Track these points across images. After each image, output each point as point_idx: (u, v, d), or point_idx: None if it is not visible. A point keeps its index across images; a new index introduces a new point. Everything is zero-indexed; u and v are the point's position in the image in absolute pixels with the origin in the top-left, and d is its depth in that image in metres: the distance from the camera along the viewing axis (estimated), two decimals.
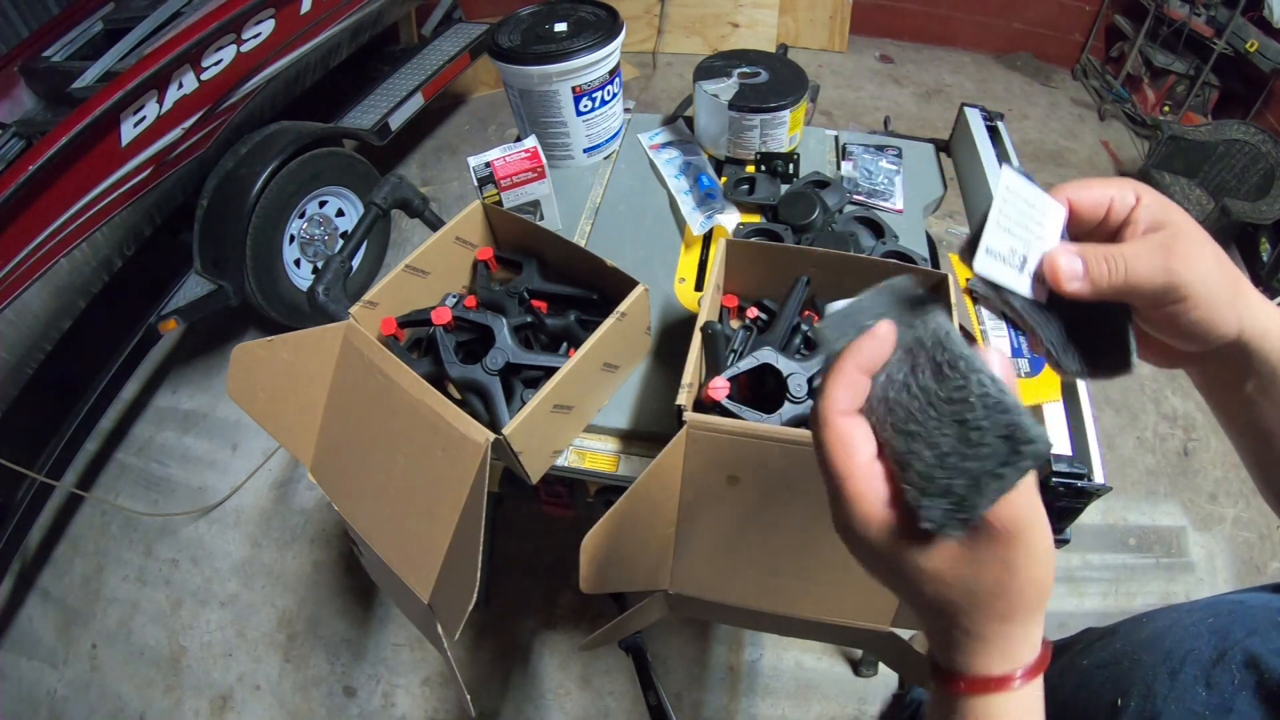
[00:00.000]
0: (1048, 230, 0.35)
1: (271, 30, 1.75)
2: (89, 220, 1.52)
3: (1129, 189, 0.35)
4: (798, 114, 1.09)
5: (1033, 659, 0.31)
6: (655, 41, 3.06)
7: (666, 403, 0.82)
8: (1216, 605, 0.42)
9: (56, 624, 1.57)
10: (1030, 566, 0.29)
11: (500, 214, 0.89)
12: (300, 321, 1.85)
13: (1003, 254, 0.34)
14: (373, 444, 0.75)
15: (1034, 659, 0.31)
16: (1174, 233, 0.34)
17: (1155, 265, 0.32)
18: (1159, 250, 0.33)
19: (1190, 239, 0.33)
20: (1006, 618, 0.30)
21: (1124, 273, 0.33)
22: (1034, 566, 0.29)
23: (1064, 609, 1.45)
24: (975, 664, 0.31)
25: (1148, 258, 0.33)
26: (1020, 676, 0.30)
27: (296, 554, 1.62)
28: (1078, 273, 0.34)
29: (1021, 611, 0.30)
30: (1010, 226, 0.34)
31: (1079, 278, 0.34)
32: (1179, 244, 0.33)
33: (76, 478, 1.79)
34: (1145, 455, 1.69)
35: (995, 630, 0.30)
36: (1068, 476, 0.69)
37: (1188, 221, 0.34)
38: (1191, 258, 0.33)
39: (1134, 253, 0.33)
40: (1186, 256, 0.32)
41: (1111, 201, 0.35)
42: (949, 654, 0.32)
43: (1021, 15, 2.99)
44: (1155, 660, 0.40)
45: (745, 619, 0.80)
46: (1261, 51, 2.13)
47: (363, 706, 1.39)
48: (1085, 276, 0.34)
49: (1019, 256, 0.34)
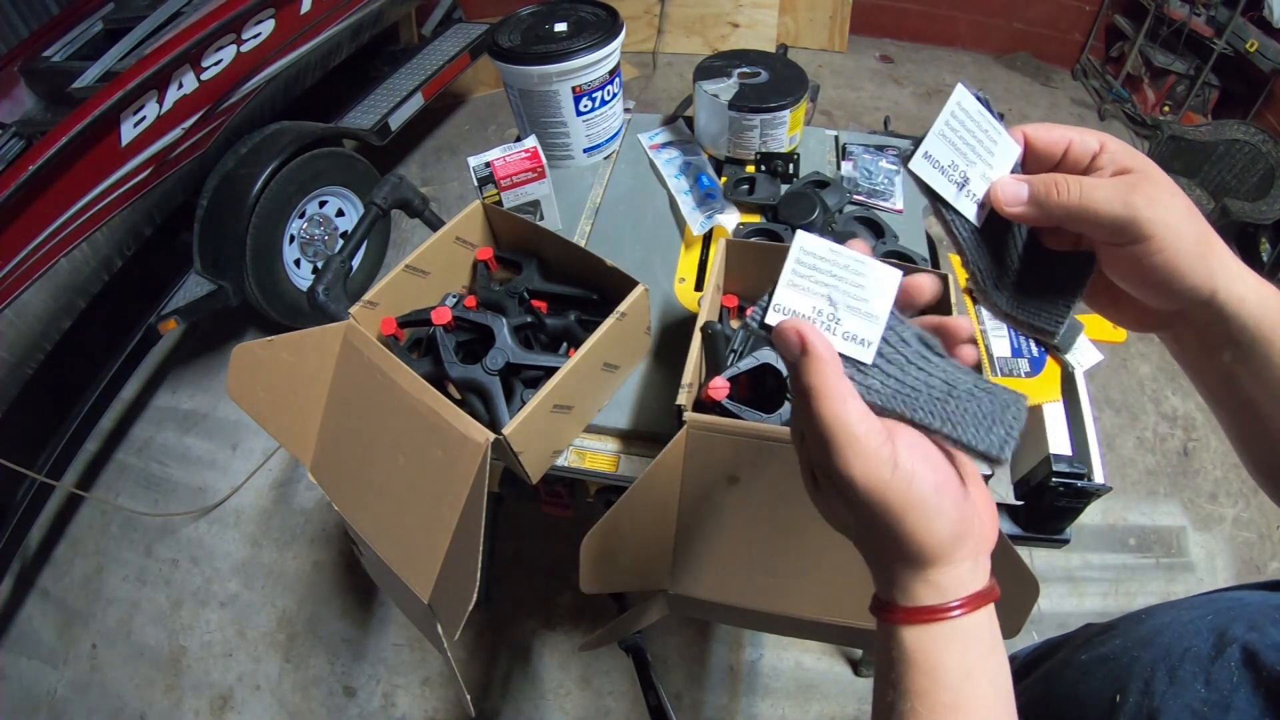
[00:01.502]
0: (997, 159, 0.35)
1: (271, 30, 1.75)
2: (89, 220, 1.52)
3: (1092, 135, 0.34)
4: (798, 114, 1.09)
5: (969, 592, 0.31)
6: (655, 41, 3.06)
7: (666, 403, 0.82)
8: (1215, 602, 0.42)
9: (56, 624, 1.57)
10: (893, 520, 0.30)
11: (500, 214, 0.89)
12: (300, 321, 1.85)
13: (942, 164, 0.34)
14: (373, 444, 0.75)
15: (971, 592, 0.31)
16: (1140, 175, 0.32)
17: (1114, 197, 0.31)
18: (1121, 185, 0.32)
19: (1157, 183, 0.32)
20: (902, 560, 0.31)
21: (1077, 195, 0.32)
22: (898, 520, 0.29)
23: (1064, 609, 1.45)
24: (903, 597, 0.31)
25: (1107, 189, 0.32)
26: (958, 607, 0.30)
27: (296, 554, 1.62)
28: (1021, 197, 0.33)
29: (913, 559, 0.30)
30: (954, 140, 0.34)
31: (1021, 202, 0.33)
32: (1144, 183, 0.32)
33: (76, 478, 1.79)
34: (1145, 455, 1.69)
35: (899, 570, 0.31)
36: (1068, 476, 0.69)
37: (1157, 170, 0.33)
38: (1156, 199, 0.31)
39: (1092, 183, 0.32)
40: (1151, 196, 0.31)
41: (1071, 143, 0.34)
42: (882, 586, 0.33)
43: (1021, 15, 2.99)
44: (1154, 657, 0.40)
45: (745, 619, 0.80)
46: (1261, 51, 2.13)
47: (363, 706, 1.39)
48: (1029, 200, 0.33)
49: (959, 172, 0.34)
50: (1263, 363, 0.34)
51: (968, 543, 0.31)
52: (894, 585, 0.32)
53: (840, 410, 0.29)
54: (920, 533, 0.30)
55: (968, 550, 0.31)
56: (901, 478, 0.29)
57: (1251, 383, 0.35)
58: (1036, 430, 0.75)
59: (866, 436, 0.29)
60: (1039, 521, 0.75)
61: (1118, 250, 0.33)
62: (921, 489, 0.30)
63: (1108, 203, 0.31)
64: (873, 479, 0.29)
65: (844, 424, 0.29)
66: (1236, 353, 0.34)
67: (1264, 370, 0.34)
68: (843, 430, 0.29)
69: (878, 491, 0.29)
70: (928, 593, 0.31)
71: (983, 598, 0.31)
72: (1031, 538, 0.76)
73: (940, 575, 0.31)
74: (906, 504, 0.29)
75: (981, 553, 0.32)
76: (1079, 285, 0.36)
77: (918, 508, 0.29)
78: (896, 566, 0.31)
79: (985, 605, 0.31)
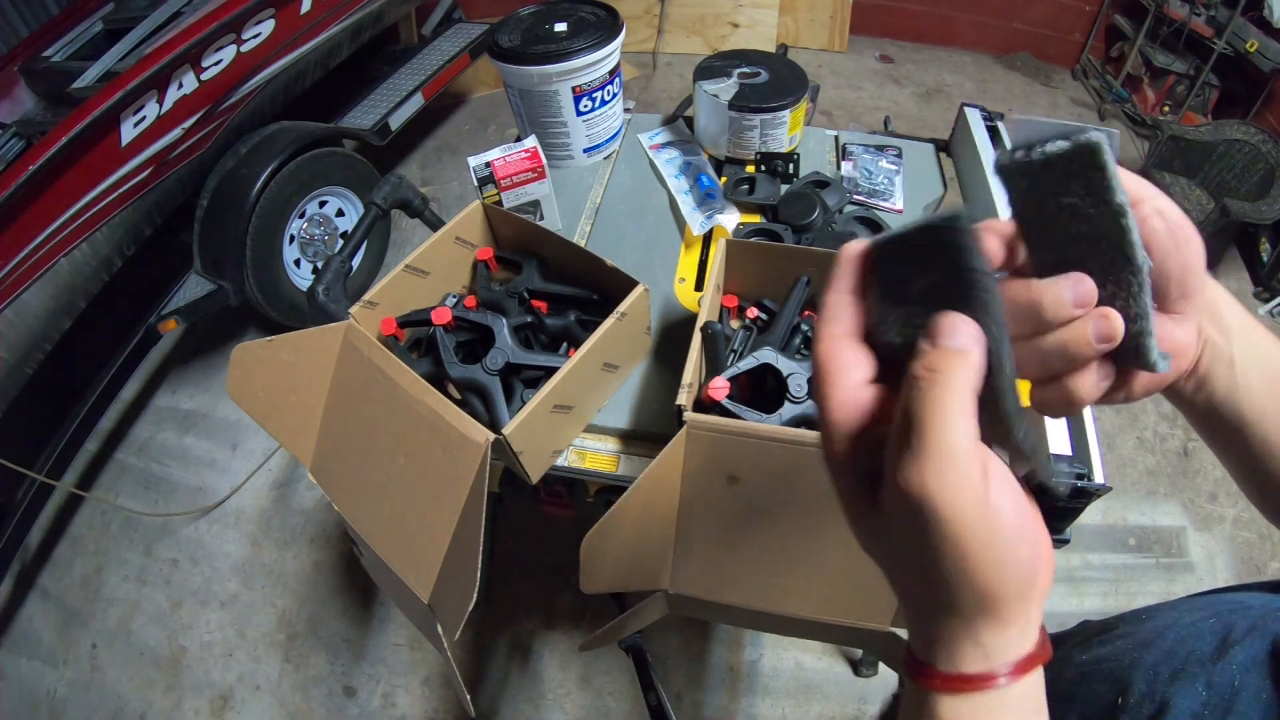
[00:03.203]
0: None
1: (271, 30, 1.75)
2: (89, 220, 1.52)
3: None
4: (798, 114, 1.09)
5: (1018, 655, 0.27)
6: (655, 41, 3.06)
7: (666, 403, 0.82)
8: (1217, 604, 0.42)
9: (56, 624, 1.57)
10: (961, 560, 0.25)
11: (500, 214, 0.89)
12: (300, 321, 1.85)
13: None
14: (373, 444, 0.75)
15: (1020, 655, 0.27)
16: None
17: None
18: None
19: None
20: (947, 612, 0.26)
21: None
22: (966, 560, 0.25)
23: (1064, 609, 1.45)
24: (931, 656, 0.27)
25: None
26: (1005, 675, 0.27)
27: (296, 554, 1.62)
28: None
29: (958, 613, 0.26)
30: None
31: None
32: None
33: (76, 478, 1.79)
34: (1145, 455, 1.69)
35: (937, 622, 0.27)
36: (1068, 477, 0.69)
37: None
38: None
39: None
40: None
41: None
42: (918, 642, 0.29)
43: (1021, 15, 2.99)
44: (1156, 659, 0.40)
45: (745, 619, 0.80)
46: (1261, 51, 2.13)
47: (363, 706, 1.39)
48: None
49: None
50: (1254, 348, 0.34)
51: (1033, 596, 0.27)
52: (935, 642, 0.28)
53: (956, 422, 0.25)
54: (990, 580, 0.25)
55: (1031, 605, 0.27)
56: (992, 514, 0.25)
57: (1257, 379, 0.34)
58: (1036, 430, 0.75)
59: (967, 459, 0.25)
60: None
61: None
62: (1007, 531, 0.25)
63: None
64: (961, 507, 0.24)
65: (951, 436, 0.24)
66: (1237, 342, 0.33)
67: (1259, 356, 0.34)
68: (945, 443, 0.24)
69: (959, 522, 0.24)
70: (973, 655, 0.27)
71: (1032, 661, 0.27)
72: None
73: (990, 635, 0.27)
74: (987, 543, 0.25)
75: (1036, 605, 0.28)
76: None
77: (996, 549, 0.25)
78: (943, 618, 0.27)
79: (1036, 668, 0.28)
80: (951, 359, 0.25)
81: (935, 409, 0.25)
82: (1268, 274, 2.05)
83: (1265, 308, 2.02)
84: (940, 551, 0.25)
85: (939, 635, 0.27)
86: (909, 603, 0.29)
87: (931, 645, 0.28)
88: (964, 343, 0.25)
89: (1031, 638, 0.27)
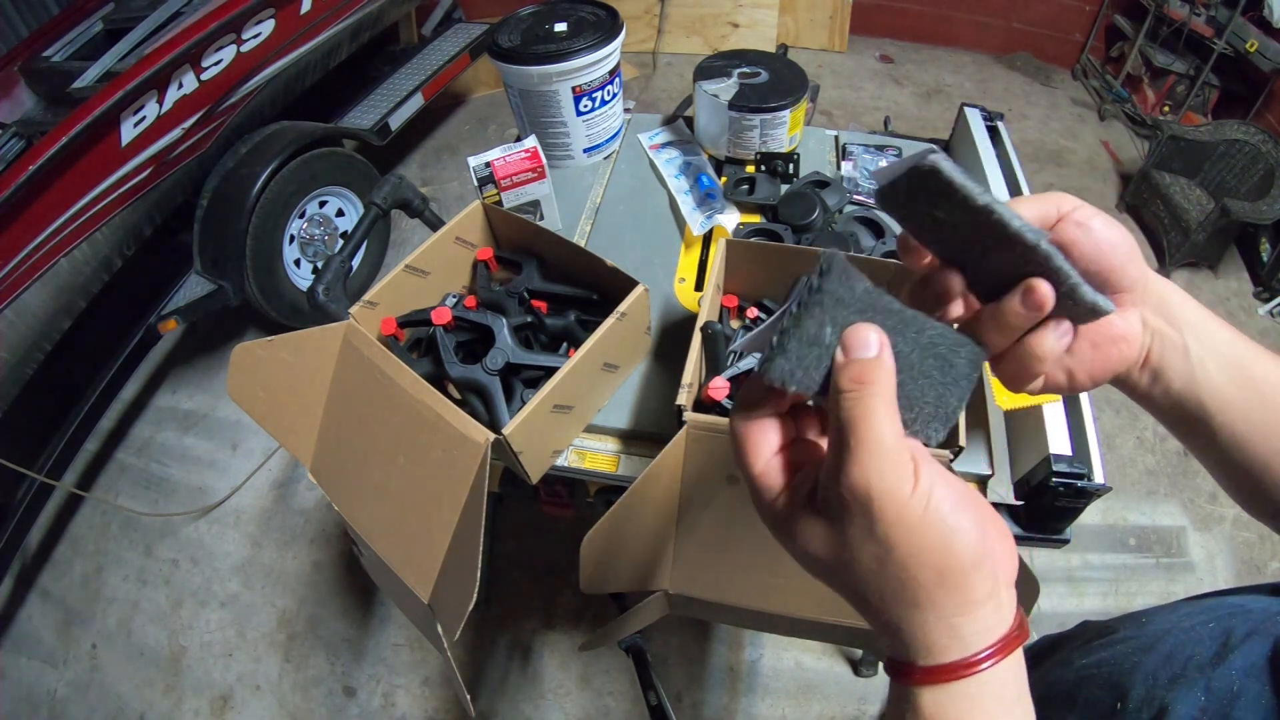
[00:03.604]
0: None
1: (271, 30, 1.75)
2: (89, 220, 1.52)
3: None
4: (798, 114, 1.09)
5: (995, 638, 0.27)
6: (655, 41, 3.06)
7: (666, 403, 0.82)
8: (1217, 608, 0.42)
9: (56, 624, 1.57)
10: (911, 537, 0.26)
11: (500, 214, 0.89)
12: (300, 321, 1.85)
13: None
14: (373, 444, 0.75)
15: (997, 637, 0.27)
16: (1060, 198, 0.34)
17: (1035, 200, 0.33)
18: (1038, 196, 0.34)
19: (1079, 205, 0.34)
20: (914, 604, 0.27)
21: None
22: (914, 538, 0.26)
23: (1064, 609, 1.45)
24: (910, 654, 0.28)
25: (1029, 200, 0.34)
26: (986, 658, 0.27)
27: (296, 554, 1.62)
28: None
29: (924, 594, 0.27)
30: None
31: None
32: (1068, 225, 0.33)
33: (76, 478, 1.79)
34: (1145, 455, 1.69)
35: (907, 618, 0.28)
36: (1068, 476, 0.69)
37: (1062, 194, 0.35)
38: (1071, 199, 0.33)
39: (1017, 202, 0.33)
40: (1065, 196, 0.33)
41: None
42: (895, 647, 0.29)
43: (1021, 15, 2.99)
44: (1155, 664, 0.40)
45: (745, 619, 0.80)
46: (1261, 51, 2.13)
47: (363, 706, 1.39)
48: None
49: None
50: (1211, 339, 0.35)
51: (986, 566, 0.28)
52: (912, 639, 0.28)
53: (885, 423, 0.27)
54: (940, 554, 0.27)
55: (987, 575, 0.28)
56: (924, 493, 0.27)
57: (1217, 370, 0.35)
58: (1036, 430, 0.75)
59: (899, 452, 0.27)
60: (1039, 521, 0.75)
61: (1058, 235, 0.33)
62: (943, 506, 0.27)
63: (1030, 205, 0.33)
64: (901, 495, 0.26)
65: (881, 435, 0.27)
66: (1193, 334, 0.35)
67: (1216, 346, 0.35)
68: (877, 443, 0.27)
69: (902, 509, 0.26)
70: (948, 644, 0.27)
71: (1010, 642, 0.28)
72: (1031, 538, 0.76)
73: (963, 619, 0.27)
74: (929, 521, 0.27)
75: (1003, 584, 0.29)
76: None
77: (940, 525, 0.27)
78: (913, 612, 0.28)
79: (1015, 650, 0.28)
80: (870, 367, 0.28)
81: (864, 414, 0.27)
82: (1268, 274, 2.05)
83: (1265, 308, 2.02)
84: (891, 540, 0.27)
85: (913, 631, 0.28)
86: (880, 611, 0.29)
87: (908, 644, 0.28)
88: (875, 350, 0.28)
89: (1006, 619, 0.28)
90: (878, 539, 0.27)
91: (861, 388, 0.28)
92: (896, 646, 0.29)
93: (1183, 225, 2.05)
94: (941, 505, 0.27)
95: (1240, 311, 2.04)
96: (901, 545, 0.27)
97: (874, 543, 0.27)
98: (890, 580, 0.27)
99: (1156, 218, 2.19)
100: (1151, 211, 2.22)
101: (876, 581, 0.28)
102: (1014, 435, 0.81)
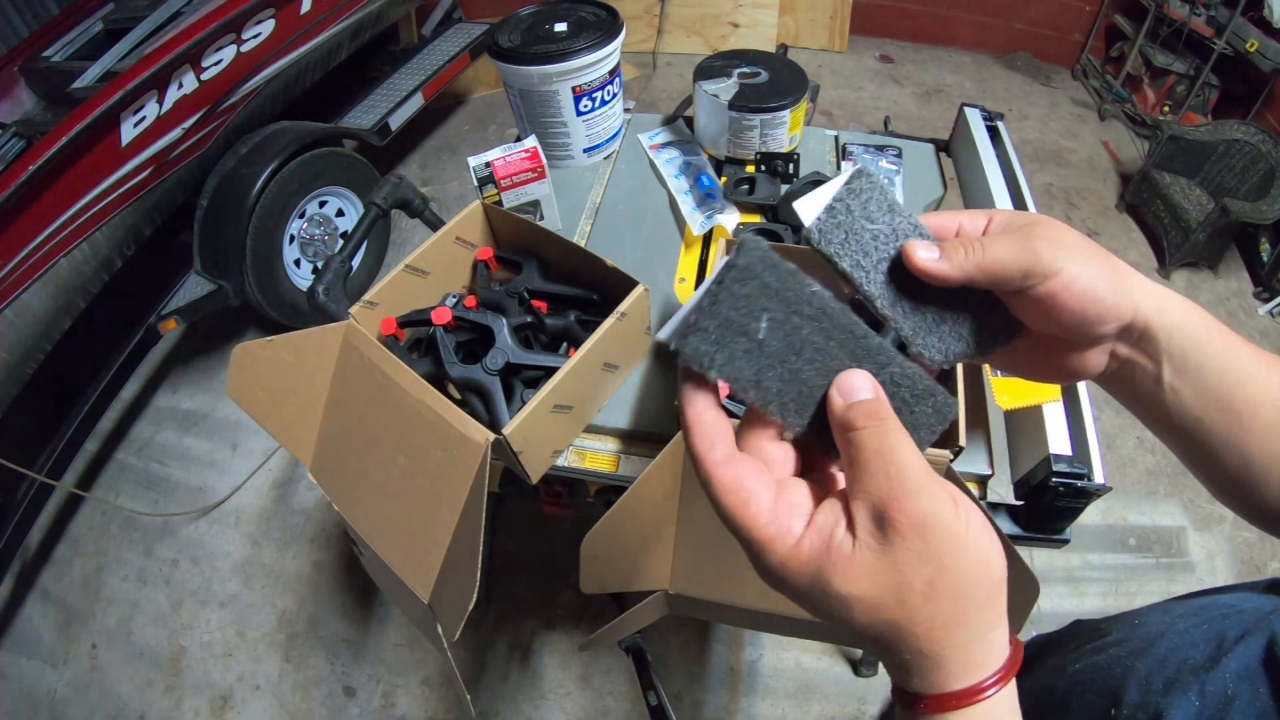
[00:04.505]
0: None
1: (271, 30, 1.75)
2: (89, 220, 1.52)
3: (979, 212, 0.35)
4: (798, 114, 1.09)
5: (1000, 664, 0.28)
6: (655, 41, 3.06)
7: (666, 403, 0.82)
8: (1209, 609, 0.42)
9: (56, 624, 1.57)
10: (959, 555, 0.27)
11: (500, 214, 0.89)
12: (300, 321, 1.85)
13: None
14: (373, 444, 0.75)
15: (1002, 663, 0.28)
16: (1031, 222, 0.33)
17: (1013, 246, 0.32)
18: (1017, 234, 0.32)
19: (1050, 225, 0.33)
20: (960, 622, 0.28)
21: (980, 253, 0.32)
22: (963, 556, 0.27)
23: (1064, 609, 1.45)
24: (936, 682, 0.28)
25: (1005, 241, 0.32)
26: (992, 684, 0.28)
27: (296, 554, 1.62)
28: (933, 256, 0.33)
29: (973, 611, 0.28)
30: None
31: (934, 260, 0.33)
32: (1037, 227, 0.32)
33: (76, 478, 1.79)
34: (1145, 455, 1.69)
35: (950, 640, 0.28)
36: (1068, 476, 0.69)
37: (1049, 218, 0.34)
38: (1053, 238, 0.32)
39: (990, 240, 0.33)
40: (1048, 237, 0.32)
41: (960, 224, 0.35)
42: (907, 677, 0.29)
43: (1021, 15, 2.99)
44: (1149, 668, 0.40)
45: (745, 619, 0.80)
46: (1261, 51, 2.13)
47: (363, 706, 1.39)
48: (942, 258, 0.33)
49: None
50: (1197, 370, 0.34)
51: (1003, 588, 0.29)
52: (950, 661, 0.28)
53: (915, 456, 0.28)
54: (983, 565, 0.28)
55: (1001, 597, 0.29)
56: (962, 515, 0.28)
57: (1193, 398, 0.34)
58: (1036, 430, 0.75)
59: (938, 483, 0.28)
60: (1039, 521, 0.75)
61: (1035, 294, 0.32)
62: (977, 525, 0.28)
63: (1009, 254, 0.32)
64: (949, 519, 0.27)
65: (920, 465, 0.28)
66: (1172, 365, 0.34)
67: (1200, 377, 0.34)
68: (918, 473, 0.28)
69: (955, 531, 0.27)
70: (983, 660, 0.28)
71: (1014, 665, 0.29)
72: (1031, 538, 0.76)
73: (994, 634, 0.28)
74: (975, 542, 0.28)
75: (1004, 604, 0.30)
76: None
77: (977, 543, 0.28)
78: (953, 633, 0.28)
79: (1014, 675, 0.29)
80: (879, 406, 0.30)
81: (893, 447, 0.28)
82: (1268, 274, 2.05)
83: (1265, 308, 2.02)
84: (944, 560, 0.27)
85: (955, 654, 0.28)
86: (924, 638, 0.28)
87: (925, 667, 0.28)
88: (871, 394, 0.30)
89: (1005, 642, 0.29)
90: (931, 560, 0.27)
91: (880, 423, 0.29)
92: (907, 670, 0.29)
93: (1183, 225, 2.05)
94: (977, 524, 0.28)
95: (1240, 311, 2.04)
96: (952, 565, 0.27)
97: (928, 565, 0.27)
98: (942, 602, 0.27)
99: (1156, 218, 2.19)
100: (1151, 211, 2.22)
101: (927, 607, 0.28)
102: (1014, 435, 0.81)
